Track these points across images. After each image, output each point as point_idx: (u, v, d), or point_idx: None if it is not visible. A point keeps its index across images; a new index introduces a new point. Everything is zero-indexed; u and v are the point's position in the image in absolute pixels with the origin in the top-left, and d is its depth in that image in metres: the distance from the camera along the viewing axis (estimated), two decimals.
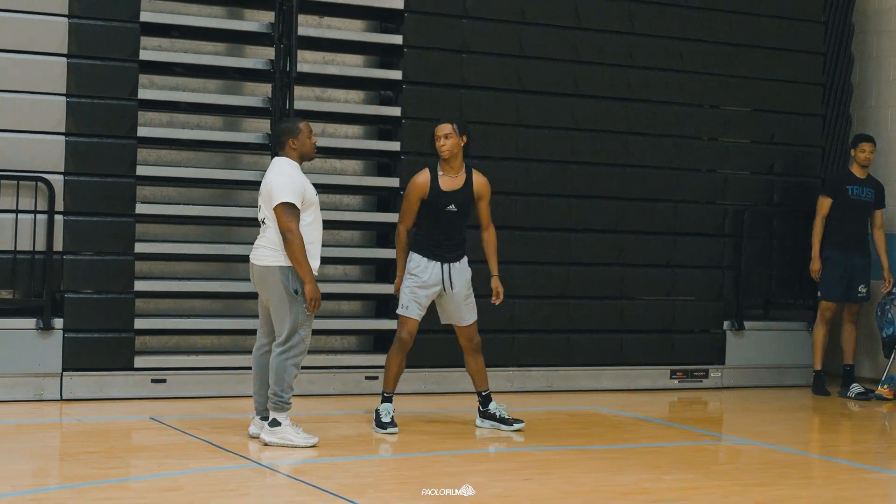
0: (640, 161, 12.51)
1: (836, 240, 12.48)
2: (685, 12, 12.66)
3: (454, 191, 9.64)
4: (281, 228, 8.71)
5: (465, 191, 9.69)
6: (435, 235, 9.65)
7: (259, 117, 11.46)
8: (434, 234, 9.66)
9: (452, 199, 9.64)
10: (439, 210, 9.62)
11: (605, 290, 12.37)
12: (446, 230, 9.66)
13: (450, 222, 9.67)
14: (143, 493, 7.53)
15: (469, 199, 9.72)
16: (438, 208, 9.61)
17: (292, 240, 8.68)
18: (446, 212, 9.63)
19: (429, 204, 9.62)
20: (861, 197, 12.49)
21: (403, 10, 11.60)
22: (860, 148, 12.49)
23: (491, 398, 10.00)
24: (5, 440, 8.95)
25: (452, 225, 9.69)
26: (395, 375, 9.72)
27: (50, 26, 10.46)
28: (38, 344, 10.37)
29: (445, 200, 9.62)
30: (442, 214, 9.63)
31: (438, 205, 9.61)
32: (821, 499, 8.12)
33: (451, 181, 9.65)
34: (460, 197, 9.66)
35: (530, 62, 12.04)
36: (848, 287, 12.44)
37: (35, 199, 10.37)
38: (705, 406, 12.05)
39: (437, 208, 9.62)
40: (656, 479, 8.32)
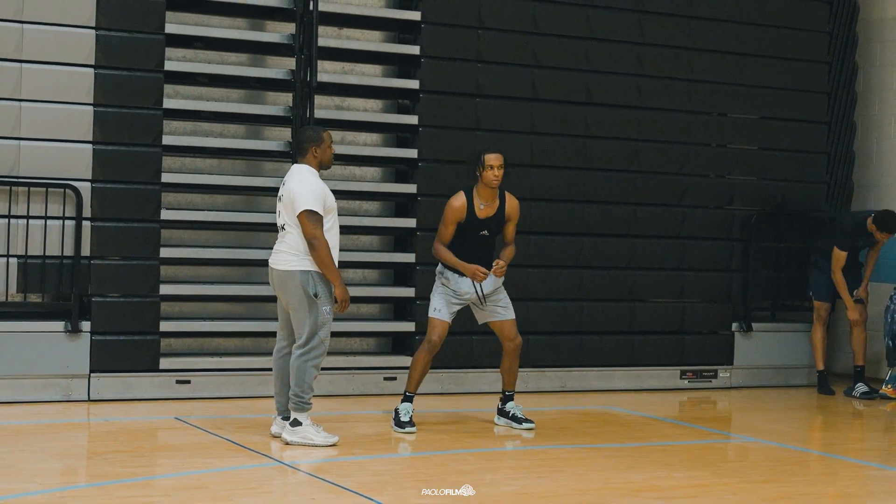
0: (651, 167, 12.50)
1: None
2: (693, 23, 12.65)
3: (488, 217, 9.65)
4: (306, 235, 8.72)
5: (498, 216, 9.70)
6: (466, 256, 9.60)
7: (280, 126, 11.48)
8: (466, 254, 9.60)
9: (486, 226, 9.66)
10: (473, 234, 9.62)
11: (617, 292, 12.36)
12: (478, 251, 9.65)
13: (482, 245, 9.69)
14: (169, 490, 7.55)
15: (501, 222, 9.73)
16: (473, 233, 9.62)
17: (318, 246, 8.70)
18: (479, 236, 9.64)
19: (463, 228, 9.61)
20: (865, 248, 12.56)
21: (421, 22, 11.60)
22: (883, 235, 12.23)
23: (512, 398, 10.00)
24: (35, 440, 8.96)
25: (484, 247, 9.70)
26: (419, 376, 9.72)
27: (77, 38, 10.49)
28: (66, 346, 10.40)
29: (480, 226, 9.63)
30: (475, 238, 9.64)
31: (473, 230, 9.61)
32: (825, 495, 8.10)
33: (488, 208, 9.65)
34: (494, 222, 9.68)
35: (544, 71, 12.04)
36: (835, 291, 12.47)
37: (63, 206, 10.39)
38: (714, 405, 12.03)
39: (471, 233, 9.62)
40: (666, 476, 8.32)
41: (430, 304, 9.73)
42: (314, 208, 8.72)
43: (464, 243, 9.62)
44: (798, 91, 13.19)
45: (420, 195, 11.60)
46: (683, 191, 12.63)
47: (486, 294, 9.68)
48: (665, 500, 7.62)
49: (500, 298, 9.81)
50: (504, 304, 9.82)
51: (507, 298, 9.86)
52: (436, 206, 11.52)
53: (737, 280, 12.89)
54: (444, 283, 9.67)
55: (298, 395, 8.85)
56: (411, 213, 11.67)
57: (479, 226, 9.63)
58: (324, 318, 8.82)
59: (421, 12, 11.60)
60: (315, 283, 8.78)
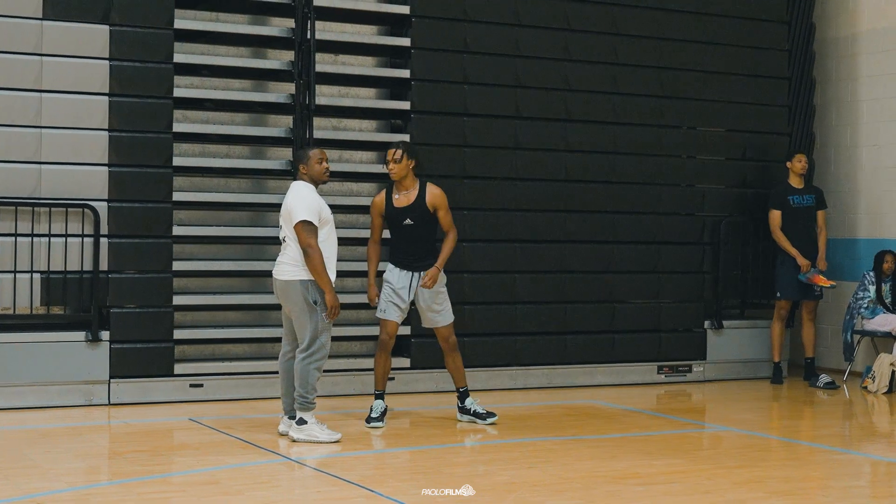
0: (626, 178, 12.51)
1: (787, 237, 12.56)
2: (663, 44, 12.67)
3: (406, 206, 9.69)
4: (301, 244, 8.73)
5: (418, 204, 9.70)
6: (401, 247, 9.74)
7: (282, 146, 11.48)
8: (399, 245, 9.75)
9: (407, 214, 9.68)
10: (398, 224, 9.71)
11: (597, 294, 12.37)
12: (408, 241, 9.71)
13: (409, 234, 9.71)
14: (184, 486, 7.55)
15: (424, 212, 9.70)
16: (397, 223, 9.71)
17: (312, 254, 8.70)
18: (404, 226, 9.69)
19: (388, 219, 9.76)
20: (803, 203, 12.55)
21: (410, 47, 11.62)
22: (797, 159, 12.62)
23: (468, 394, 9.99)
24: (60, 441, 8.96)
25: (413, 237, 9.71)
26: (382, 375, 9.79)
27: (93, 69, 10.49)
28: (87, 354, 10.39)
29: (401, 215, 9.68)
30: (401, 228, 9.71)
31: (396, 220, 9.71)
32: (792, 478, 8.11)
33: (404, 198, 9.71)
34: (414, 211, 9.68)
35: (526, 91, 12.05)
36: (804, 286, 12.48)
37: (82, 224, 10.39)
38: (689, 398, 12.03)
39: (395, 223, 9.73)
40: (647, 464, 8.32)
41: (378, 307, 9.78)
42: (309, 219, 8.73)
43: (395, 235, 9.76)
44: (761, 105, 13.22)
45: None
46: (657, 199, 12.65)
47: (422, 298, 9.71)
48: (646, 486, 7.63)
49: (440, 303, 9.78)
50: (442, 312, 9.80)
51: (447, 303, 9.83)
52: None
53: (708, 281, 12.91)
54: (386, 279, 9.72)
55: (303, 396, 8.85)
56: None
57: (400, 215, 9.68)
58: (323, 323, 8.82)
59: (410, 39, 11.61)
60: (314, 291, 8.78)
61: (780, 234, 12.48)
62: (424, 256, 9.72)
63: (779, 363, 12.71)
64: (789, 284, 12.50)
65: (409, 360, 11.49)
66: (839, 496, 7.56)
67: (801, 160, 12.60)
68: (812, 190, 12.73)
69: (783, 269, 12.54)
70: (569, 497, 7.29)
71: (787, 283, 12.51)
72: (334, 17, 11.59)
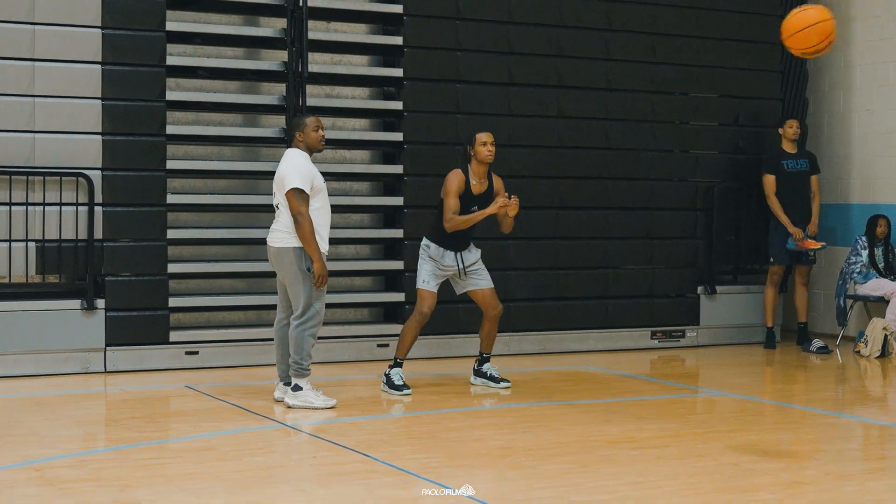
0: (620, 145, 12.51)
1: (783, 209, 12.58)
2: (655, 9, 12.64)
3: (479, 194, 9.63)
4: (292, 211, 8.72)
5: (488, 193, 9.67)
6: (452, 233, 9.59)
7: (275, 114, 11.47)
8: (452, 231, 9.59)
9: (477, 201, 9.61)
10: (465, 210, 9.55)
11: (591, 261, 12.40)
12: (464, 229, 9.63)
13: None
14: (181, 452, 7.57)
15: (489, 200, 9.64)
16: (465, 209, 9.55)
17: (302, 222, 8.69)
18: (469, 211, 9.57)
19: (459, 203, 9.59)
20: (797, 168, 12.57)
21: (403, 14, 11.59)
22: (788, 125, 12.60)
23: (489, 360, 10.03)
24: (57, 409, 8.98)
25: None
26: (409, 345, 9.72)
27: (85, 37, 10.47)
28: (83, 322, 10.41)
29: (473, 201, 9.60)
30: (465, 213, 9.56)
31: (466, 205, 9.56)
32: (785, 441, 8.15)
33: (479, 185, 9.64)
34: (483, 199, 9.64)
35: (518, 58, 12.03)
36: (796, 252, 12.50)
37: (76, 193, 10.39)
38: (683, 363, 12.07)
39: (463, 208, 9.55)
40: (640, 428, 8.35)
41: (418, 277, 9.70)
42: (301, 186, 8.71)
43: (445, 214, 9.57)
44: (754, 70, 13.20)
45: (406, 175, 11.61)
46: (650, 166, 12.66)
47: (467, 266, 9.70)
48: (640, 450, 7.66)
49: (479, 270, 9.81)
50: (481, 275, 9.80)
51: (485, 270, 9.86)
52: (421, 185, 11.58)
53: (701, 247, 12.93)
54: (431, 257, 9.68)
55: (298, 363, 8.87)
56: (398, 192, 11.69)
57: (472, 201, 9.60)
58: (317, 290, 8.82)
59: (403, 5, 11.58)
60: (307, 258, 8.78)
61: (775, 199, 12.50)
62: (470, 238, 9.72)
63: (772, 328, 12.75)
64: (782, 250, 12.53)
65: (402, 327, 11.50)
66: (831, 459, 7.60)
67: (793, 125, 12.60)
68: (806, 154, 12.74)
69: (776, 235, 12.56)
70: (563, 461, 7.33)
71: (780, 248, 12.53)
72: None
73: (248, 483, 6.72)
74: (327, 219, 8.96)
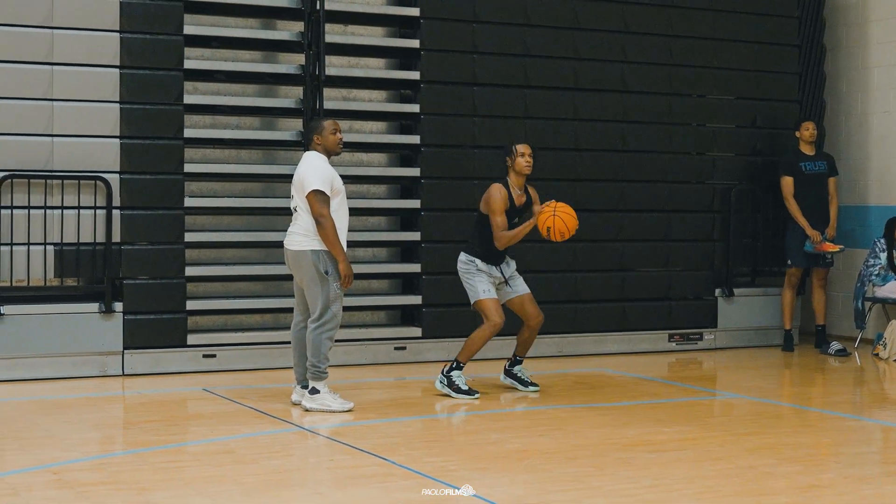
0: (637, 147, 12.50)
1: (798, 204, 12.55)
2: (672, 11, 12.63)
3: (520, 206, 9.62)
4: (314, 214, 8.72)
5: (527, 204, 9.67)
6: (493, 246, 9.53)
7: (292, 117, 11.48)
8: (492, 244, 9.53)
9: (518, 214, 9.59)
10: (508, 223, 9.50)
11: (608, 263, 12.38)
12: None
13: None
14: (199, 456, 7.59)
15: (528, 210, 9.64)
16: (508, 221, 9.51)
17: (325, 223, 8.69)
18: (512, 224, 9.55)
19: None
20: (815, 170, 12.52)
21: (420, 17, 11.60)
22: (804, 127, 12.55)
23: (521, 363, 10.03)
24: (75, 412, 9.00)
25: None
26: (475, 352, 9.70)
27: (103, 41, 10.49)
28: (101, 325, 10.43)
29: (515, 214, 9.56)
30: (510, 225, 9.53)
31: (509, 218, 9.51)
32: (803, 445, 8.13)
33: (519, 197, 9.61)
34: (523, 211, 9.64)
35: (535, 60, 12.03)
36: (814, 254, 12.46)
37: (95, 196, 10.42)
38: (700, 365, 12.05)
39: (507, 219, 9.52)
40: (657, 431, 8.35)
41: (477, 289, 9.56)
42: (321, 188, 8.72)
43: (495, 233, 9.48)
44: (771, 73, 13.18)
45: (423, 178, 11.61)
46: (667, 168, 12.64)
47: (508, 277, 9.70)
48: (657, 454, 7.65)
49: (518, 279, 9.79)
50: (521, 284, 9.78)
51: (522, 279, 9.85)
52: (438, 187, 11.58)
53: (718, 249, 12.90)
54: (480, 270, 9.58)
55: (315, 366, 8.87)
56: (415, 194, 11.69)
57: (514, 214, 9.55)
58: (335, 293, 8.82)
59: (420, 8, 11.59)
60: (325, 261, 8.78)
61: (793, 201, 12.46)
62: (509, 251, 9.70)
63: (790, 331, 12.72)
64: (799, 252, 12.49)
65: (420, 330, 11.52)
66: (850, 462, 7.58)
67: (809, 128, 12.56)
68: (823, 156, 12.70)
69: (793, 237, 12.53)
70: (580, 464, 7.32)
71: (798, 250, 12.49)
72: None
73: (266, 486, 6.73)
74: (345, 221, 8.96)
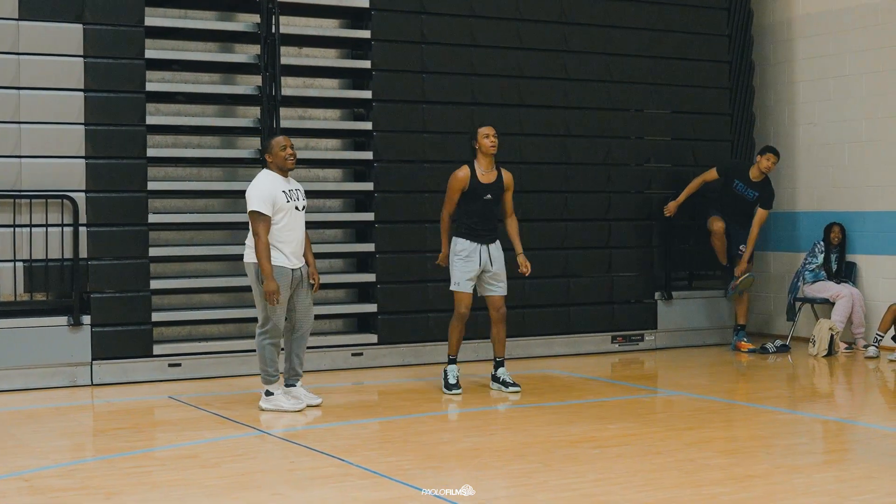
0: (579, 160, 12.55)
1: (718, 204, 12.62)
2: (611, 31, 12.70)
3: (489, 183, 9.89)
4: (251, 231, 8.82)
5: (497, 183, 9.94)
6: (474, 220, 9.86)
7: (251, 136, 11.46)
8: (473, 218, 9.86)
9: (489, 190, 9.88)
10: (478, 198, 9.85)
11: (554, 270, 12.42)
12: (483, 215, 9.88)
13: (485, 209, 9.89)
14: (166, 461, 7.55)
15: (500, 189, 9.96)
16: (478, 197, 9.85)
17: (257, 242, 8.82)
18: (484, 200, 9.86)
19: (469, 194, 9.85)
20: (742, 193, 12.52)
21: (371, 39, 11.61)
22: (766, 157, 12.39)
23: (503, 364, 10.13)
24: (46, 421, 8.94)
25: (488, 212, 9.91)
26: (457, 341, 10.00)
27: (68, 66, 10.44)
28: (69, 338, 10.36)
29: (483, 191, 9.86)
30: (479, 201, 9.85)
31: (477, 194, 9.84)
32: (739, 438, 8.19)
33: (488, 175, 9.91)
34: (494, 188, 9.91)
35: (482, 79, 12.06)
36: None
37: (62, 214, 10.35)
38: (642, 365, 12.11)
39: (475, 197, 9.85)
40: (602, 428, 8.38)
41: (453, 277, 9.90)
42: (258, 209, 8.82)
43: (469, 206, 9.85)
44: (704, 87, 13.28)
45: (376, 192, 11.62)
46: (608, 179, 12.70)
47: (493, 267, 9.92)
48: (601, 449, 7.69)
49: (498, 275, 9.94)
50: (499, 281, 9.95)
51: (504, 277, 9.98)
52: (390, 201, 11.59)
53: (657, 255, 12.98)
54: (459, 258, 9.84)
55: (263, 370, 8.99)
56: (370, 208, 11.69)
57: (482, 190, 9.87)
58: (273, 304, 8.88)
59: (371, 31, 11.60)
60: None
61: (696, 184, 12.56)
62: (492, 231, 9.96)
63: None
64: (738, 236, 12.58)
65: (376, 337, 11.52)
66: (782, 453, 7.65)
67: (771, 160, 12.33)
68: (761, 188, 12.49)
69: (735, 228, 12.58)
70: (529, 461, 7.34)
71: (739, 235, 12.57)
72: (297, 12, 11.57)
73: (229, 489, 6.71)
74: (295, 235, 8.99)
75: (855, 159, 12.88)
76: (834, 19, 13.06)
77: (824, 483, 6.79)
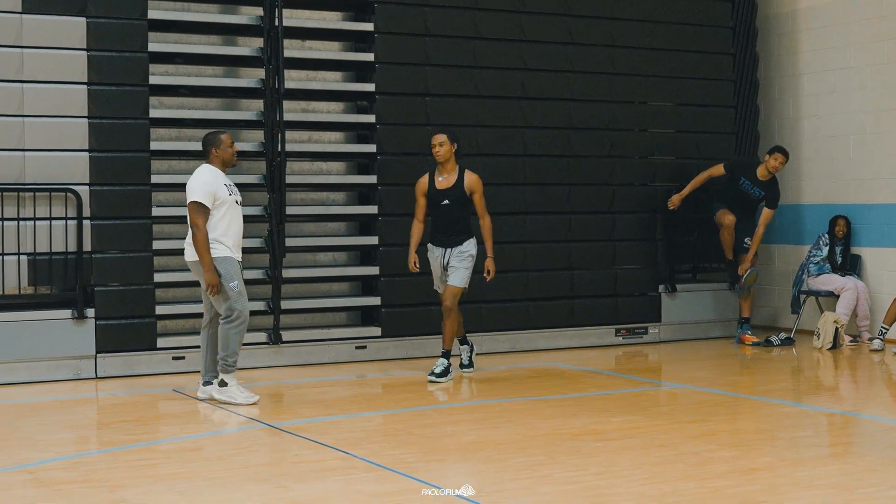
0: (582, 152, 12.55)
1: (724, 198, 12.60)
2: (614, 24, 12.70)
3: (447, 188, 10.08)
4: (190, 222, 8.91)
5: (456, 187, 10.09)
6: (438, 225, 10.19)
7: (254, 129, 11.46)
8: (436, 224, 10.19)
9: (445, 195, 10.07)
10: (437, 204, 10.12)
11: (557, 263, 12.43)
12: (444, 221, 10.14)
13: (446, 214, 10.12)
14: (170, 453, 7.57)
15: (461, 194, 10.11)
16: (436, 203, 10.13)
17: (196, 233, 8.87)
18: (442, 206, 10.09)
19: (428, 200, 10.16)
20: (748, 190, 12.49)
21: (374, 32, 11.61)
22: (774, 156, 12.30)
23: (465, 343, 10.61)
24: (50, 414, 8.96)
25: (448, 216, 10.12)
26: (449, 336, 10.21)
27: (71, 59, 10.44)
28: (74, 331, 10.38)
29: (440, 196, 10.08)
30: (439, 208, 10.12)
31: (435, 200, 10.13)
32: (744, 430, 8.21)
33: (445, 181, 10.11)
34: (452, 193, 10.07)
35: (485, 72, 12.06)
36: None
37: (66, 208, 10.36)
38: (646, 358, 12.12)
39: (435, 203, 10.15)
40: (605, 421, 8.39)
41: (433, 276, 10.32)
42: (199, 200, 8.86)
43: (433, 214, 10.18)
44: (708, 80, 13.27)
45: (380, 185, 11.63)
46: (611, 171, 12.70)
47: (445, 264, 10.17)
48: (605, 442, 7.70)
49: (456, 268, 10.09)
50: (453, 274, 10.11)
51: (462, 271, 10.06)
52: (394, 194, 11.59)
53: (661, 248, 12.98)
54: (430, 256, 10.24)
55: (224, 359, 9.05)
56: (373, 200, 11.70)
57: (439, 196, 10.09)
58: (234, 292, 8.91)
59: (374, 23, 11.60)
60: (220, 266, 8.89)
61: (702, 178, 12.55)
62: (458, 234, 10.14)
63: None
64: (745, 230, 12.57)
65: (379, 330, 11.53)
66: (787, 446, 7.65)
67: (777, 160, 12.26)
68: (767, 187, 12.43)
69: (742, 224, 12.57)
70: (532, 454, 7.35)
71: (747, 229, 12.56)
72: (300, 5, 11.57)
73: (233, 481, 6.72)
74: (235, 228, 9.05)
75: (860, 152, 12.87)
76: (839, 11, 13.05)
77: (829, 476, 6.79)
